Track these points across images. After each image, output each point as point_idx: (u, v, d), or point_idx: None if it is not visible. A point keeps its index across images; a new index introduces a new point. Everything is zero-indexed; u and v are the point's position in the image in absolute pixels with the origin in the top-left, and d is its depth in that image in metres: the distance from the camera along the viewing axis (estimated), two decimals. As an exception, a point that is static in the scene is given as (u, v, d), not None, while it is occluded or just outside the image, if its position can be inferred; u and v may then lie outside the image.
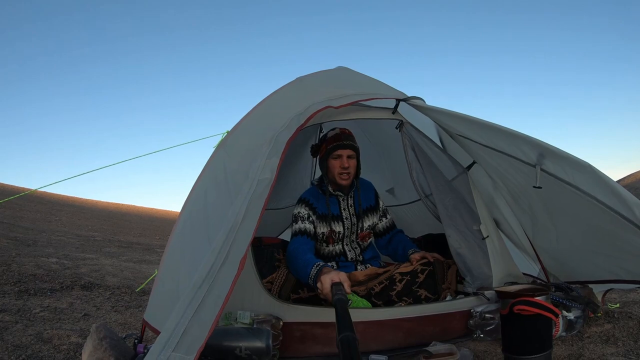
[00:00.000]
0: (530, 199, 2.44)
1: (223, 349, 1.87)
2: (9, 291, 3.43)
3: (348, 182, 2.69)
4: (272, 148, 1.94)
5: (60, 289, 3.71)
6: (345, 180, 2.66)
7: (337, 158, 2.64)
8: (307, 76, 2.66)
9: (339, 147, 2.63)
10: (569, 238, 2.45)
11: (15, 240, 6.21)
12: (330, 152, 2.65)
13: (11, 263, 4.32)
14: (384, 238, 2.93)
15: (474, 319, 2.31)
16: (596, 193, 1.91)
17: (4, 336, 2.42)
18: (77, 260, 5.26)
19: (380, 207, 2.92)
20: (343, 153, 2.63)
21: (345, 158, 2.63)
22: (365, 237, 2.80)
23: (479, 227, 2.55)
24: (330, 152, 2.65)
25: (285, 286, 2.49)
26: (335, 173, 2.65)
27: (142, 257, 6.68)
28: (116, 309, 3.36)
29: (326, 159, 2.69)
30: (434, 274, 2.53)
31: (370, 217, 2.84)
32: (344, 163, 2.62)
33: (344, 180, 2.66)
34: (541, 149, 1.98)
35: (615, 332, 2.35)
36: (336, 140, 2.65)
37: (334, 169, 2.65)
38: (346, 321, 1.30)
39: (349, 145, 2.65)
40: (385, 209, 2.96)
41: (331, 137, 2.69)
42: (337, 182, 2.68)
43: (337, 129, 2.72)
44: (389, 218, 2.94)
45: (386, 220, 2.92)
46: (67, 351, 2.33)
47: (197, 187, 2.34)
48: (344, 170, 2.63)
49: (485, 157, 2.47)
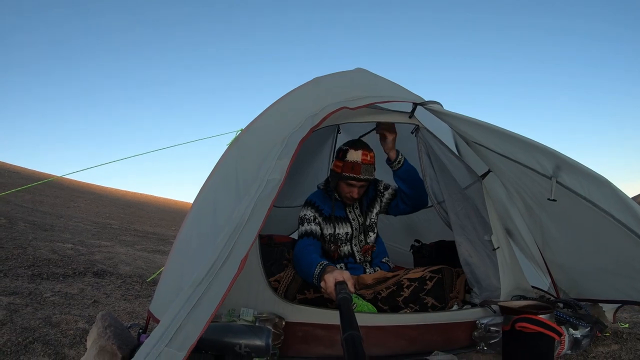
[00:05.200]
0: (543, 211, 2.40)
1: (223, 345, 1.88)
2: (22, 274, 3.50)
3: (353, 202, 2.74)
4: (284, 149, 1.94)
5: (73, 275, 3.77)
6: (350, 201, 2.72)
7: (349, 186, 2.63)
8: (324, 77, 2.64)
9: (354, 179, 2.60)
10: (580, 254, 2.40)
11: (33, 224, 6.33)
12: (345, 178, 2.61)
13: (27, 247, 4.41)
14: (396, 199, 2.86)
15: (479, 331, 2.28)
16: (612, 209, 1.87)
17: (14, 318, 2.48)
18: (92, 247, 5.34)
19: (380, 189, 2.89)
20: (356, 184, 2.62)
21: (357, 189, 2.63)
22: (368, 250, 2.78)
23: (490, 238, 2.50)
24: (345, 179, 2.61)
25: (291, 286, 2.49)
26: (343, 195, 2.69)
27: (156, 247, 6.76)
28: (126, 297, 3.40)
29: (338, 178, 2.65)
30: (443, 282, 2.50)
31: (373, 208, 2.85)
32: (354, 194, 2.63)
33: (349, 201, 2.71)
34: (558, 161, 1.94)
35: (622, 353, 2.30)
36: (354, 172, 2.58)
37: (343, 192, 2.68)
38: (351, 320, 1.29)
39: (365, 179, 2.61)
40: (385, 184, 2.92)
41: (350, 164, 2.60)
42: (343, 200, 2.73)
43: (360, 153, 2.61)
44: (391, 187, 2.90)
45: (391, 189, 2.89)
46: (73, 336, 2.37)
47: (207, 184, 2.35)
48: (353, 198, 2.66)
49: (500, 166, 2.43)
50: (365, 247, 2.77)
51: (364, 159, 2.60)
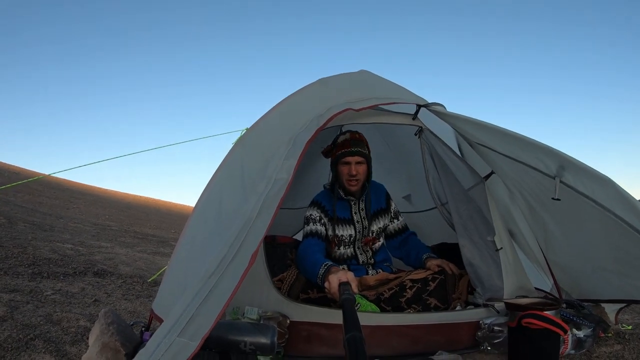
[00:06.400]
0: (546, 211, 2.40)
1: (228, 342, 1.87)
2: (22, 273, 3.49)
3: (357, 188, 2.69)
4: (291, 149, 1.95)
5: (73, 274, 3.76)
6: (353, 186, 2.66)
7: (346, 165, 2.63)
8: (329, 78, 2.65)
9: (346, 154, 2.62)
10: (583, 254, 2.40)
11: (33, 224, 6.33)
12: (339, 158, 2.64)
13: (27, 246, 4.40)
14: (396, 239, 2.92)
15: (482, 331, 2.28)
16: (615, 208, 1.87)
17: (14, 315, 2.47)
18: (92, 248, 5.33)
19: (392, 209, 2.90)
20: (351, 160, 2.61)
21: (354, 165, 2.61)
22: (369, 243, 2.77)
23: (493, 238, 2.51)
24: (339, 158, 2.64)
25: (295, 285, 2.49)
26: (344, 179, 2.66)
27: (156, 249, 6.75)
28: (127, 297, 3.39)
29: (336, 164, 2.69)
30: (445, 283, 2.50)
31: (380, 219, 2.83)
32: (352, 170, 2.61)
33: (352, 187, 2.66)
34: (562, 161, 1.95)
35: (625, 353, 2.29)
36: (344, 147, 2.64)
37: (343, 176, 2.66)
38: (353, 321, 1.30)
39: (357, 152, 2.62)
40: (397, 210, 2.94)
41: (340, 143, 2.67)
42: (346, 188, 2.68)
43: (348, 134, 2.70)
44: (400, 220, 2.92)
45: (398, 222, 2.91)
46: (74, 334, 2.36)
47: (213, 183, 2.35)
48: (352, 177, 2.62)
49: (503, 167, 2.44)
50: (366, 239, 2.76)
51: (352, 136, 2.68)
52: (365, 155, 2.66)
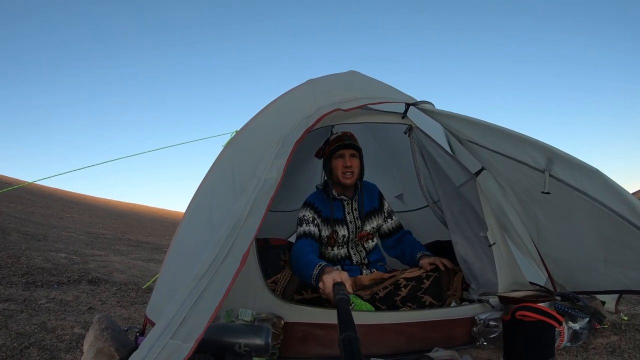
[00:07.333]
0: (537, 205, 2.42)
1: (222, 345, 1.87)
2: (16, 282, 3.46)
3: (352, 181, 2.70)
4: (280, 149, 1.95)
5: (67, 283, 3.73)
6: (349, 179, 2.68)
7: (340, 157, 2.68)
8: (318, 79, 2.67)
9: (341, 147, 2.69)
10: (575, 245, 2.42)
11: (26, 234, 6.27)
12: (333, 152, 2.71)
13: (20, 256, 4.36)
14: (390, 239, 2.93)
15: (478, 327, 2.29)
16: (604, 199, 1.89)
17: (9, 324, 2.45)
18: (86, 256, 5.29)
19: (385, 209, 2.92)
20: (345, 152, 2.68)
21: (348, 157, 2.67)
22: (363, 238, 2.78)
23: (486, 234, 2.52)
24: (333, 152, 2.70)
25: (289, 287, 2.49)
26: (339, 172, 2.68)
27: (150, 256, 6.71)
28: (121, 304, 3.37)
29: (330, 160, 2.73)
30: (440, 281, 2.51)
31: (374, 219, 2.84)
32: (347, 162, 2.66)
33: (347, 179, 2.68)
34: (550, 154, 1.97)
35: (621, 344, 2.31)
36: (338, 141, 2.72)
37: (337, 169, 2.69)
38: (348, 321, 1.30)
39: (351, 145, 2.71)
40: (391, 210, 2.96)
41: (334, 139, 2.76)
42: (341, 182, 2.70)
43: (340, 132, 2.80)
44: (395, 219, 2.94)
45: (392, 222, 2.92)
46: (69, 341, 2.34)
47: (203, 186, 2.35)
48: (347, 169, 2.66)
49: (493, 163, 2.46)
50: (360, 234, 2.78)
51: (345, 133, 2.78)
52: (359, 150, 2.74)
